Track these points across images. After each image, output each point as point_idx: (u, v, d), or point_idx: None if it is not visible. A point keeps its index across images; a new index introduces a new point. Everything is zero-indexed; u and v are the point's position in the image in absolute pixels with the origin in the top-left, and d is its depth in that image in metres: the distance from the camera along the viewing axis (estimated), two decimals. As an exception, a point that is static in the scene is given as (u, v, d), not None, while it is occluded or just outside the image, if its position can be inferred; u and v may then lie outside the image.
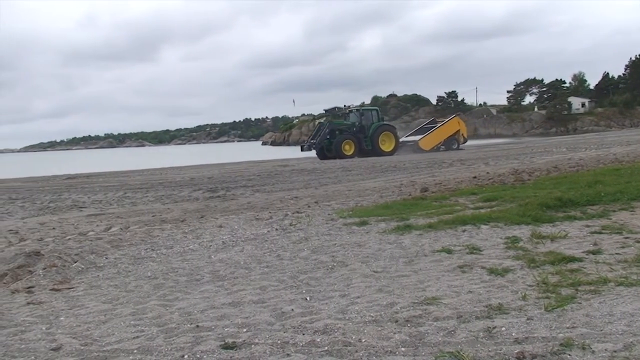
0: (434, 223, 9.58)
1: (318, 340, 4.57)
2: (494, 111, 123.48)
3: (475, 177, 17.62)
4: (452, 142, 44.53)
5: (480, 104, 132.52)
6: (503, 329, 4.57)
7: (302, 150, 41.53)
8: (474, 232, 8.82)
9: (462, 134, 45.78)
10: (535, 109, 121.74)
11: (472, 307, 5.17)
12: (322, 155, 39.95)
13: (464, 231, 8.94)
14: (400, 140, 44.29)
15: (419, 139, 44.20)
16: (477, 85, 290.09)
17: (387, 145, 40.44)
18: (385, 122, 43.51)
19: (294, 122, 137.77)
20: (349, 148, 39.22)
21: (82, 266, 8.33)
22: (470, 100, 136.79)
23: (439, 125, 46.42)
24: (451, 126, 45.29)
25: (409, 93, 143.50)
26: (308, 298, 5.91)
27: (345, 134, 40.15)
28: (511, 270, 6.42)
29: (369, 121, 41.25)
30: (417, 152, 41.13)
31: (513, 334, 4.44)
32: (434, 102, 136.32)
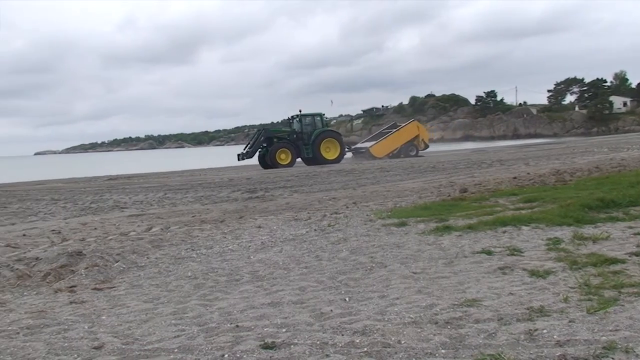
0: (474, 224, 9.49)
1: (357, 341, 4.56)
2: (534, 111, 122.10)
3: (515, 178, 17.40)
4: (410, 148, 42.63)
5: (520, 104, 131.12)
6: (544, 331, 4.50)
7: (238, 159, 38.36)
8: (515, 234, 8.71)
9: (423, 139, 43.86)
10: (576, 109, 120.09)
11: (513, 309, 5.10)
12: (264, 164, 37.63)
13: (504, 232, 8.83)
14: (353, 147, 43.25)
15: (370, 146, 42.39)
16: (516, 84, 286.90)
17: (331, 153, 37.86)
18: (328, 129, 40.57)
19: (332, 123, 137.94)
20: (285, 157, 36.84)
21: (124, 266, 8.44)
22: (509, 99, 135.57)
23: (394, 130, 44.59)
24: (408, 131, 43.38)
25: (447, 93, 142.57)
26: (347, 299, 5.90)
27: (281, 142, 37.68)
28: (553, 272, 6.32)
29: (311, 128, 38.60)
30: (369, 159, 39.22)
31: (555, 337, 4.37)
32: (472, 102, 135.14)
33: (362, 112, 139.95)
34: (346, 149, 39.60)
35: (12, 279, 7.91)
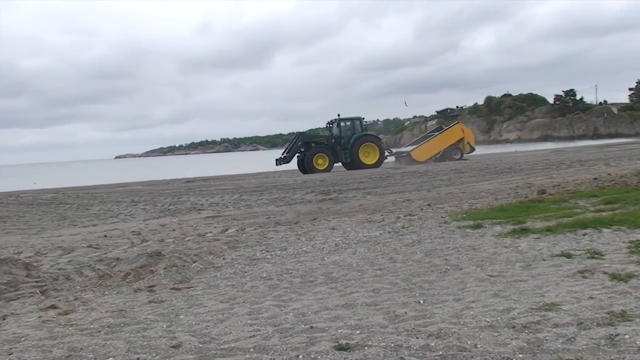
0: (553, 226, 9.26)
1: (432, 344, 4.51)
2: (614, 110, 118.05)
3: (595, 179, 16.87)
4: (454, 152, 40.67)
5: (600, 103, 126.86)
6: (626, 336, 4.35)
7: (276, 164, 37.76)
8: (595, 236, 8.45)
9: (468, 142, 41.81)
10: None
11: (593, 313, 4.96)
12: (303, 169, 36.88)
13: (584, 235, 8.59)
14: (395, 151, 41.87)
15: (411, 150, 40.71)
16: (596, 82, 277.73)
17: (370, 158, 36.67)
18: (368, 133, 39.12)
19: (405, 124, 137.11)
20: (322, 162, 35.92)
21: (201, 266, 8.61)
22: (589, 98, 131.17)
23: (436, 134, 42.89)
24: (452, 134, 41.45)
25: (524, 92, 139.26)
26: (421, 301, 5.85)
27: (318, 147, 36.74)
28: (635, 275, 6.11)
29: (349, 132, 37.49)
30: (410, 163, 37.61)
31: (637, 342, 4.23)
32: (550, 101, 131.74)
33: (436, 113, 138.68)
34: (387, 153, 38.72)
35: (94, 278, 8.18)
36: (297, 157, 37.49)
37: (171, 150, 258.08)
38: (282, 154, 37.64)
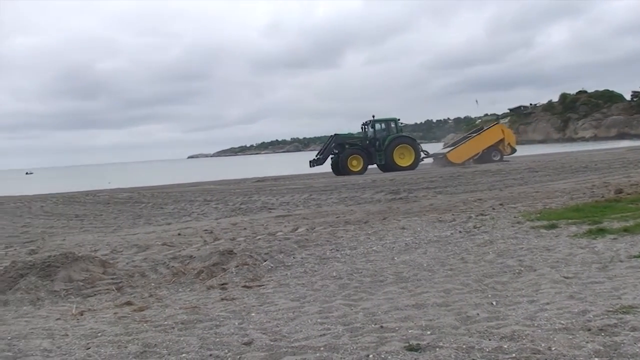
0: (631, 227, 8.98)
1: (505, 346, 4.44)
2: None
3: (677, 178, 16.28)
4: (493, 153, 38.96)
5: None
6: None
7: (310, 166, 37.26)
8: (677, 237, 8.15)
9: (509, 144, 40.12)
10: None
11: (676, 317, 4.78)
12: (337, 170, 36.03)
13: (664, 236, 8.30)
14: (432, 152, 40.05)
15: (447, 152, 39.40)
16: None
17: (405, 160, 35.71)
18: (403, 134, 37.93)
19: (477, 122, 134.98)
20: (356, 164, 35.22)
21: (272, 265, 8.71)
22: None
23: (473, 135, 41.38)
24: (490, 135, 39.80)
25: (600, 89, 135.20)
26: (494, 303, 5.77)
27: (352, 148, 36.14)
28: None
29: (383, 133, 36.63)
30: (447, 165, 36.35)
31: None
32: (627, 97, 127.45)
33: (509, 111, 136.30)
34: (424, 155, 37.86)
35: (168, 275, 8.37)
36: (331, 158, 37.04)
37: (242, 150, 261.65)
38: (316, 156, 37.36)
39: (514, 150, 40.93)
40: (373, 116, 37.17)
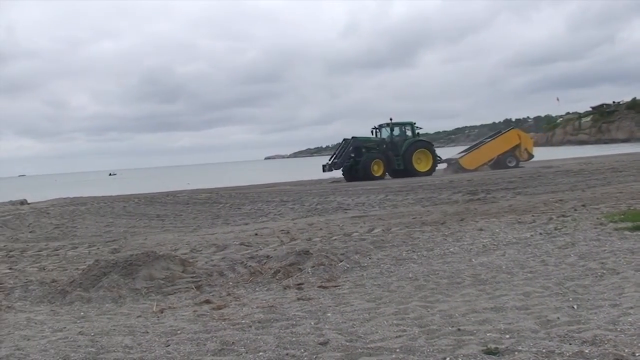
0: None
1: (586, 351, 4.30)
2: None
3: None
4: (508, 159, 37.35)
5: None
6: None
7: (323, 170, 35.53)
8: None
9: (526, 149, 38.37)
10: None
11: None
12: (350, 176, 34.62)
13: None
14: (446, 158, 38.34)
15: (460, 157, 37.75)
16: None
17: (423, 165, 34.44)
18: (420, 139, 36.32)
19: (558, 121, 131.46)
20: (377, 168, 33.82)
21: (348, 265, 8.71)
22: None
23: (487, 140, 39.74)
24: (505, 141, 38.15)
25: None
26: (575, 306, 5.61)
27: (373, 153, 34.67)
28: None
29: (401, 137, 35.43)
30: (459, 171, 35.21)
31: None
32: None
33: (591, 109, 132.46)
34: (438, 160, 36.43)
35: (246, 275, 8.48)
36: (349, 163, 35.21)
37: (318, 151, 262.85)
38: (330, 160, 35.73)
39: (531, 156, 39.27)
40: (391, 119, 36.12)
